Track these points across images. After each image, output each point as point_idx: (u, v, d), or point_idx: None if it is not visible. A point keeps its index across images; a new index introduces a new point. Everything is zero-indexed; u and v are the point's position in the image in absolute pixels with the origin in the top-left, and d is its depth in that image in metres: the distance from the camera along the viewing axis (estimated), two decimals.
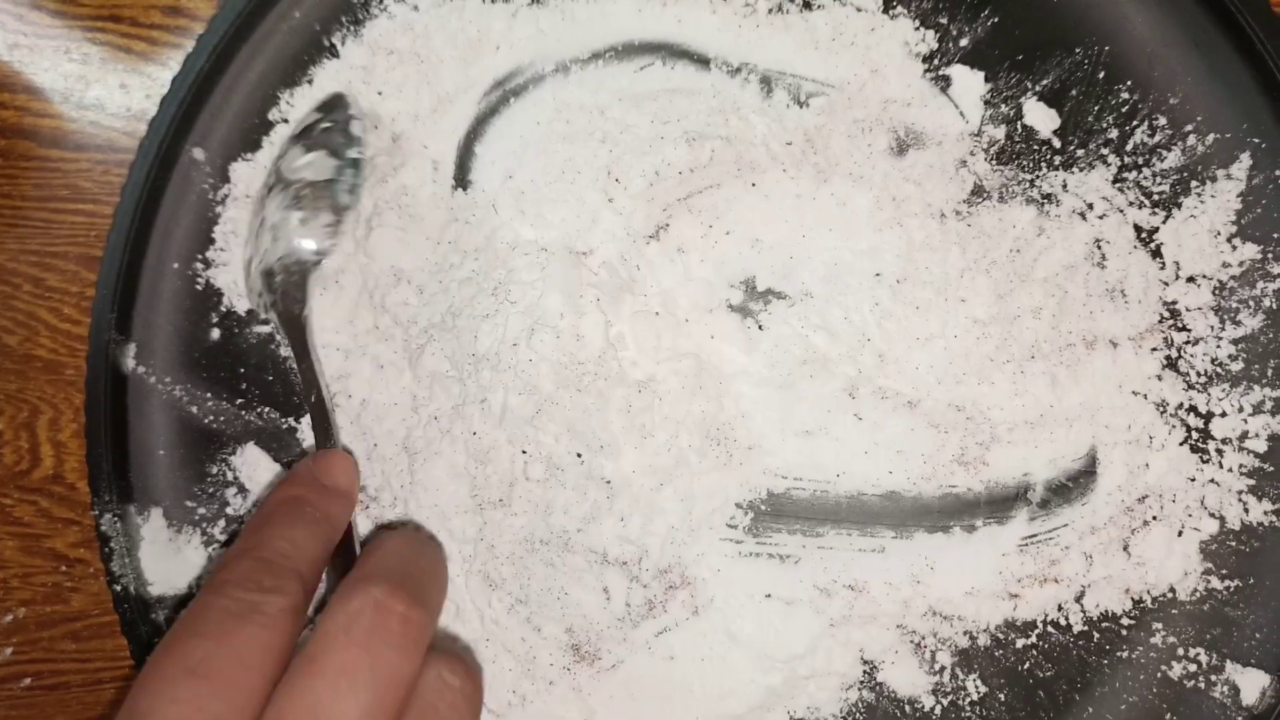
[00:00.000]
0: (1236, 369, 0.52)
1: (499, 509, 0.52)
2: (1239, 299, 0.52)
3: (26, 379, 0.59)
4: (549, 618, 0.52)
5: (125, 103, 0.59)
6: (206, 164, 0.55)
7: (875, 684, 0.54)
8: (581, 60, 0.55)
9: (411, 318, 0.54)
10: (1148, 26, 0.52)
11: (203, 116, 0.55)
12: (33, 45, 0.59)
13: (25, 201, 0.60)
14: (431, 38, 0.55)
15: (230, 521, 0.55)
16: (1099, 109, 0.53)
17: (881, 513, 0.53)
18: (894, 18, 0.54)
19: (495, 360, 0.52)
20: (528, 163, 0.54)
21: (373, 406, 0.54)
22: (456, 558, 0.53)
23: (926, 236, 0.53)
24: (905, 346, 0.53)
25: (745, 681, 0.53)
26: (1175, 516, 0.52)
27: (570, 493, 0.51)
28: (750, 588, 0.53)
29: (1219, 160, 0.52)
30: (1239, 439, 0.52)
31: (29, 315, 0.59)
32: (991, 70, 0.53)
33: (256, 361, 0.56)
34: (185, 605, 0.54)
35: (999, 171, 0.53)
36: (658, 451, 0.52)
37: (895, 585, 0.53)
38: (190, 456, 0.56)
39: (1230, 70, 0.52)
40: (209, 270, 0.55)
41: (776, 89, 0.54)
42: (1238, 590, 0.52)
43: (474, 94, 0.55)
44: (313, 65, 0.55)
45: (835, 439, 0.53)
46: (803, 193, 0.53)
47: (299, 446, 0.55)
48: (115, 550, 0.54)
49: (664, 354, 0.52)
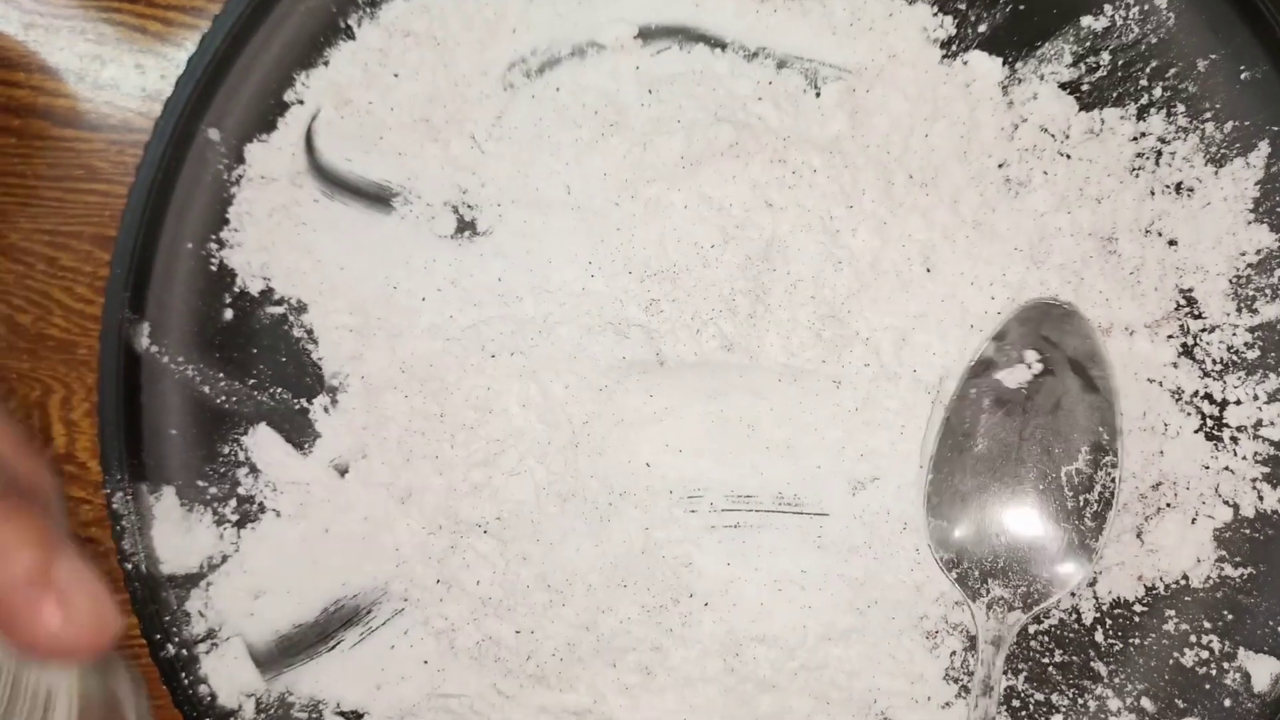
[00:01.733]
0: (1253, 357, 0.52)
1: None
2: (1256, 287, 0.52)
3: (39, 358, 0.60)
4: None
5: (140, 83, 0.60)
6: (221, 144, 0.55)
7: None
8: (598, 44, 0.55)
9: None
10: (1167, 14, 0.52)
11: (218, 97, 0.55)
12: (48, 25, 0.59)
13: (40, 181, 0.60)
14: (448, 20, 0.55)
15: (242, 501, 0.55)
16: (1117, 96, 0.53)
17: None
18: (912, 3, 0.54)
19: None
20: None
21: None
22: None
23: (944, 224, 0.53)
24: (919, 333, 0.53)
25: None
26: (1189, 504, 0.52)
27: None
28: (761, 576, 0.53)
29: (1237, 148, 0.52)
30: (1254, 427, 0.52)
31: (43, 294, 0.60)
32: (1009, 57, 0.53)
33: (269, 342, 0.56)
34: (196, 583, 0.54)
35: (1017, 157, 0.53)
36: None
37: (908, 569, 0.53)
38: (202, 436, 0.55)
39: (1249, 57, 0.52)
40: (223, 250, 0.55)
41: (792, 72, 0.54)
42: (1251, 578, 0.52)
43: (490, 77, 0.55)
44: (329, 47, 0.55)
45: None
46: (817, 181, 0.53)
47: (311, 427, 0.55)
48: (126, 529, 0.54)
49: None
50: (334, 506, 0.55)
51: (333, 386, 0.55)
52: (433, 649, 0.54)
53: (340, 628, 0.55)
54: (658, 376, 0.54)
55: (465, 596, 0.54)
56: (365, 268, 0.55)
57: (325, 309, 0.55)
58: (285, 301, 0.56)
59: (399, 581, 0.55)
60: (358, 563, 0.55)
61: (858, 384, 0.53)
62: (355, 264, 0.55)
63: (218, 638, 0.54)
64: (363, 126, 0.55)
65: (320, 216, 0.55)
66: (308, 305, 0.55)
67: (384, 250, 0.55)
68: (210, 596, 0.55)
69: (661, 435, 0.54)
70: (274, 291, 0.56)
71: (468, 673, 0.54)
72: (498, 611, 0.54)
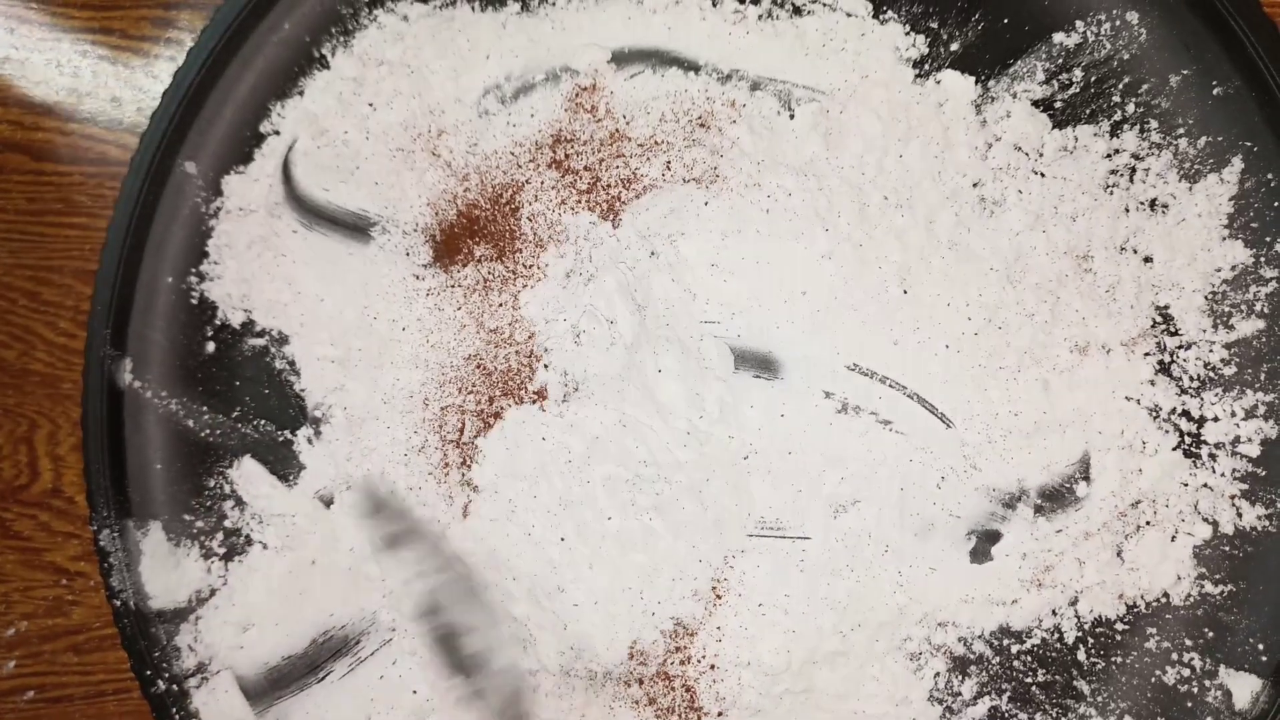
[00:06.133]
0: (1229, 373, 0.52)
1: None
2: (1231, 303, 0.52)
3: (24, 393, 0.60)
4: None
5: (117, 116, 0.59)
6: (199, 177, 0.55)
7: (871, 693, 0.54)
8: (572, 69, 0.55)
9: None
10: (1139, 30, 0.52)
11: (194, 130, 0.55)
12: (24, 59, 0.59)
13: (19, 215, 0.60)
14: (422, 48, 0.55)
15: (229, 534, 0.55)
16: (1090, 113, 0.53)
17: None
18: (884, 23, 0.54)
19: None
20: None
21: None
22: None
23: (920, 245, 0.53)
24: (898, 355, 0.53)
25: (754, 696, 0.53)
26: (1168, 521, 0.52)
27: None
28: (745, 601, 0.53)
29: (1211, 163, 0.52)
30: (1232, 443, 0.52)
31: (25, 329, 0.60)
32: (982, 75, 0.53)
33: (251, 374, 0.56)
34: (185, 618, 0.55)
35: (991, 176, 0.53)
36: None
37: (891, 592, 0.53)
38: (187, 470, 0.56)
39: (1221, 72, 0.51)
40: (203, 284, 0.55)
41: (766, 95, 0.54)
42: (1231, 595, 0.52)
43: (465, 104, 0.55)
44: (303, 77, 0.55)
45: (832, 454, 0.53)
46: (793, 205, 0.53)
47: (295, 459, 0.56)
48: (114, 565, 0.54)
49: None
50: (320, 538, 0.55)
51: (316, 418, 0.55)
52: (421, 678, 0.54)
53: (329, 658, 0.55)
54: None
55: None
56: (345, 298, 0.55)
57: (306, 340, 0.56)
58: (266, 333, 0.56)
59: (387, 612, 0.55)
60: (345, 594, 0.55)
61: (836, 405, 0.53)
62: (335, 295, 0.55)
63: (208, 671, 0.55)
64: (339, 156, 0.55)
65: (299, 247, 0.55)
66: (289, 337, 0.56)
67: (363, 281, 0.55)
68: (199, 630, 0.55)
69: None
70: (255, 323, 0.56)
71: (458, 703, 0.54)
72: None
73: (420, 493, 0.54)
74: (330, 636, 0.55)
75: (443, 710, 0.54)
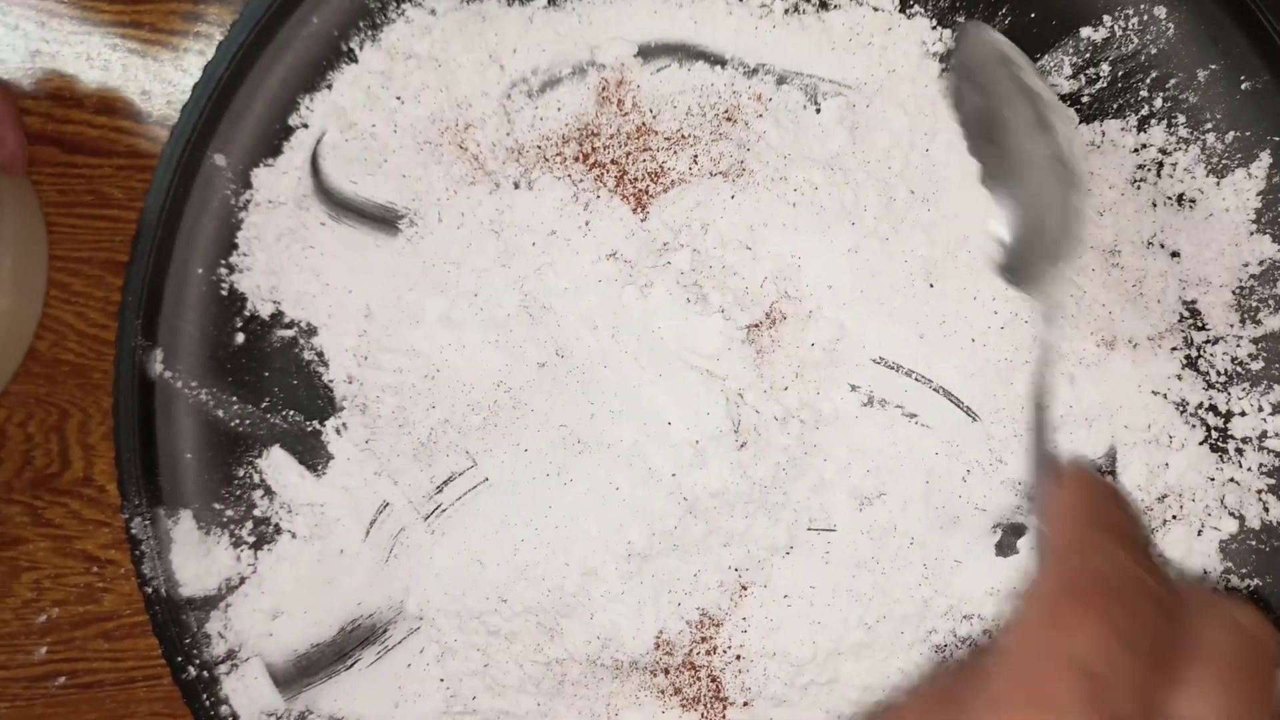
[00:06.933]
0: (1257, 368, 0.52)
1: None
2: (1259, 298, 0.52)
3: (55, 383, 0.60)
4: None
5: (147, 109, 0.60)
6: (228, 170, 0.56)
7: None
8: (599, 63, 0.55)
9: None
10: (1166, 25, 0.52)
11: (224, 123, 0.55)
12: (55, 53, 0.60)
13: (50, 208, 0.61)
14: (449, 42, 0.55)
15: (258, 523, 0.56)
16: (1117, 107, 0.53)
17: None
18: (911, 17, 0.54)
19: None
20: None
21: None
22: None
23: (946, 239, 0.53)
24: (924, 348, 0.53)
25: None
26: (1195, 516, 0.52)
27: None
28: (770, 593, 0.54)
29: (1239, 158, 0.52)
30: (1259, 438, 0.52)
31: (56, 320, 0.60)
32: None
33: (281, 365, 0.56)
34: (215, 605, 0.55)
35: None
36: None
37: (916, 584, 0.53)
38: (217, 460, 0.56)
39: (1249, 67, 0.51)
40: (233, 275, 0.56)
41: (792, 89, 0.54)
42: (1257, 590, 0.52)
43: (492, 97, 0.55)
44: (332, 70, 0.56)
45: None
46: (817, 195, 0.53)
47: (324, 449, 0.56)
48: (146, 553, 0.55)
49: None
50: (347, 527, 0.56)
51: (344, 408, 0.56)
52: (449, 667, 0.55)
53: (357, 647, 0.56)
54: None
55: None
56: (373, 290, 0.56)
57: (335, 331, 0.56)
58: (295, 324, 0.56)
59: (414, 600, 0.55)
60: (372, 583, 0.56)
61: (863, 398, 0.54)
62: (363, 286, 0.56)
63: (237, 658, 0.55)
64: (367, 149, 0.56)
65: (327, 239, 0.56)
66: (317, 328, 0.56)
67: (391, 272, 0.56)
68: (229, 618, 0.56)
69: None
70: (284, 315, 0.56)
71: (485, 690, 0.55)
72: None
73: None
74: (358, 625, 0.56)
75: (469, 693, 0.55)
